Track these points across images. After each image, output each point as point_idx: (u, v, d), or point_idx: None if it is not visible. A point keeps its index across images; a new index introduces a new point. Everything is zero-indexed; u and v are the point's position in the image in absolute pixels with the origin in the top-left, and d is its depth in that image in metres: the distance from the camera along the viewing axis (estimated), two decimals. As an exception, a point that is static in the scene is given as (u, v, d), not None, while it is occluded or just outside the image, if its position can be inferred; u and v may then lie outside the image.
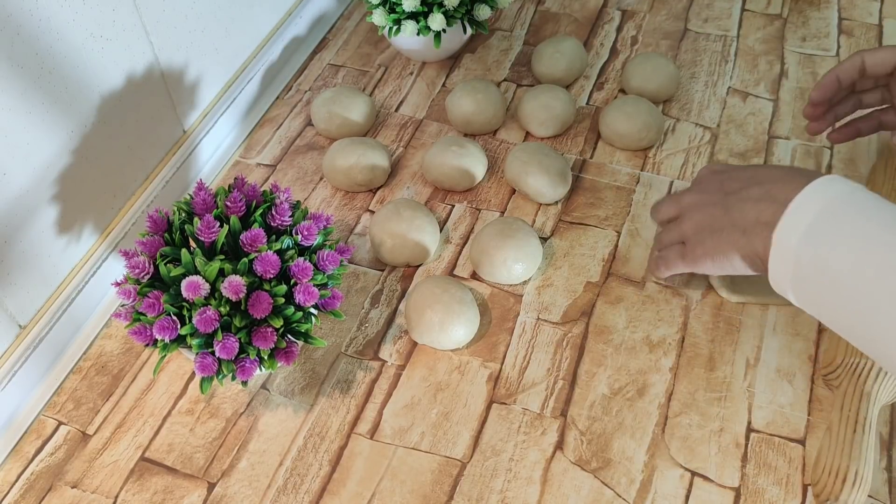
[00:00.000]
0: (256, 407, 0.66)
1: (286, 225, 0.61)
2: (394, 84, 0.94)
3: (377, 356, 0.69)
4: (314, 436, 0.64)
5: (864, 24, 0.99)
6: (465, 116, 0.85)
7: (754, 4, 1.03)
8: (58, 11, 0.61)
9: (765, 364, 0.66)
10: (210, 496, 0.61)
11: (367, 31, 1.02)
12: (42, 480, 0.62)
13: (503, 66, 0.96)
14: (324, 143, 0.87)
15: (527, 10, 1.03)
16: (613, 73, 0.94)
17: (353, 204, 0.81)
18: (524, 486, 0.60)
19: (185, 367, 0.68)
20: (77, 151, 0.67)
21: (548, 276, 0.73)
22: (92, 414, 0.66)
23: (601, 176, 0.82)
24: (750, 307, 0.70)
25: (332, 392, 0.66)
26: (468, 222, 0.79)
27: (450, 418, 0.64)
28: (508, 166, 0.80)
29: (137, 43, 0.71)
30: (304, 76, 0.96)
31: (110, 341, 0.71)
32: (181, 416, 0.65)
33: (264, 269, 0.57)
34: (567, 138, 0.86)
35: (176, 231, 0.60)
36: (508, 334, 0.70)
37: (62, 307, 0.69)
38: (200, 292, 0.56)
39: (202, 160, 0.84)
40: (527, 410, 0.65)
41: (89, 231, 0.71)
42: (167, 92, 0.76)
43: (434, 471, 0.61)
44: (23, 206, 0.63)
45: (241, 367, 0.57)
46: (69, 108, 0.65)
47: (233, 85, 0.87)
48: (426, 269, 0.75)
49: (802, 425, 0.63)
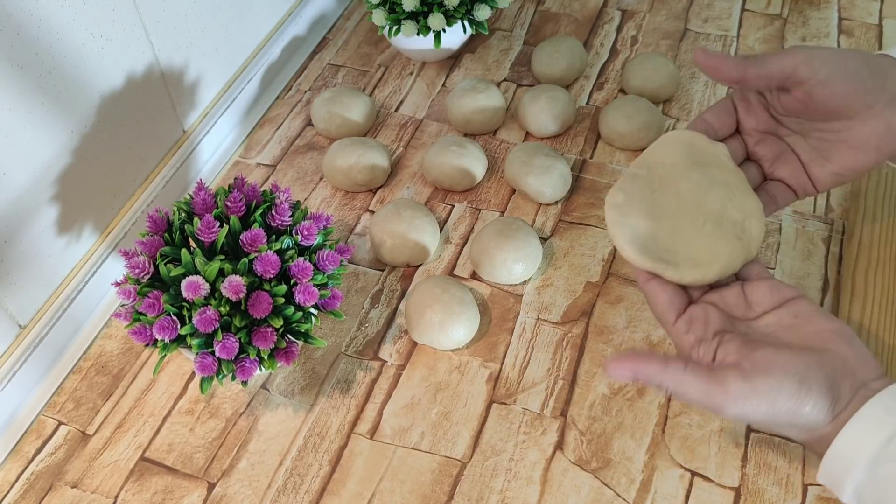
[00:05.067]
0: (256, 407, 0.66)
1: (286, 225, 0.61)
2: (394, 84, 0.94)
3: (377, 356, 0.69)
4: (314, 436, 0.64)
5: (864, 24, 0.99)
6: (465, 116, 0.85)
7: (754, 4, 1.03)
8: (58, 11, 0.61)
9: (765, 364, 0.66)
10: (210, 496, 0.61)
11: (367, 31, 1.02)
12: (42, 480, 0.62)
13: (503, 66, 0.96)
14: (324, 143, 0.87)
15: (527, 10, 1.03)
16: (613, 73, 0.94)
17: (353, 204, 0.81)
18: (524, 486, 0.60)
19: (185, 367, 0.68)
20: (77, 151, 0.67)
21: (548, 276, 0.73)
22: (92, 414, 0.66)
23: (601, 176, 0.82)
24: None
25: (332, 392, 0.66)
26: (468, 222, 0.79)
27: (450, 418, 0.64)
28: (508, 166, 0.80)
29: (137, 43, 0.71)
30: (304, 76, 0.96)
31: (110, 341, 0.71)
32: (181, 416, 0.65)
33: (264, 269, 0.57)
34: (567, 138, 0.86)
35: (176, 231, 0.60)
36: (508, 334, 0.70)
37: (62, 307, 0.69)
38: (200, 292, 0.56)
39: (202, 160, 0.84)
40: (527, 410, 0.65)
41: (89, 231, 0.71)
42: (167, 92, 0.76)
43: (434, 471, 0.61)
44: (23, 206, 0.63)
45: (241, 367, 0.57)
46: (69, 108, 0.65)
47: (233, 85, 0.87)
48: (426, 269, 0.75)
49: (802, 425, 0.63)
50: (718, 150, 0.53)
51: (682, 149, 0.53)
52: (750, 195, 0.52)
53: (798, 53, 0.50)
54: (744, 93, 0.55)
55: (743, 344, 0.46)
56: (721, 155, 0.53)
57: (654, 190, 0.51)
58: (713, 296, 0.50)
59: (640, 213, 0.50)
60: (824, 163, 0.54)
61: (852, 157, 0.52)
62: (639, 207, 0.50)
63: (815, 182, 0.54)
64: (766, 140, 0.56)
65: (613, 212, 0.51)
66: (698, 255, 0.50)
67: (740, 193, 0.52)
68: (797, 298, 0.48)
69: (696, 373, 0.45)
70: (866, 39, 0.97)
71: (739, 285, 0.51)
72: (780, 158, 0.55)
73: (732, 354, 0.46)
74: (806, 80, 0.50)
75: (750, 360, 0.45)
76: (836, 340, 0.45)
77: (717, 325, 0.48)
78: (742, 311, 0.49)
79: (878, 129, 0.51)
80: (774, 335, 0.47)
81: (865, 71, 0.50)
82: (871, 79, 0.50)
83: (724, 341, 0.47)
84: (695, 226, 0.51)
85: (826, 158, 0.54)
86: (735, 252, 0.50)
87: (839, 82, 0.50)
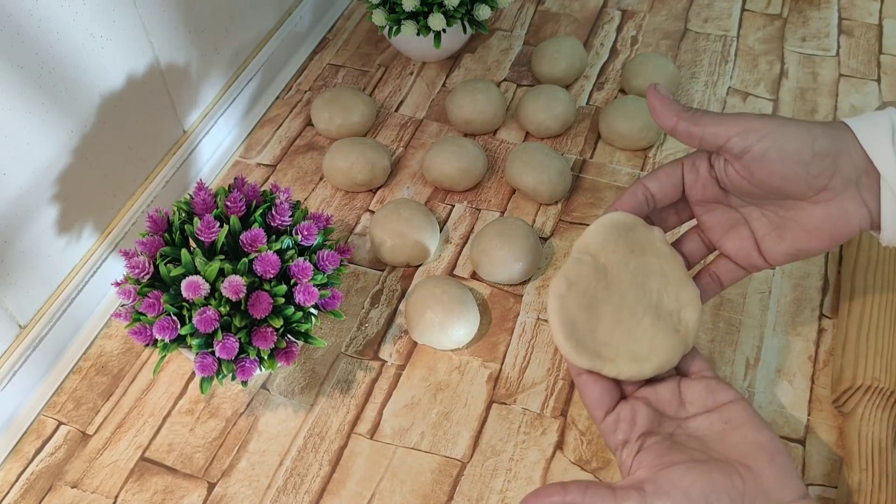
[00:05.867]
0: (256, 407, 0.66)
1: (286, 225, 0.61)
2: (394, 84, 0.94)
3: (377, 356, 0.69)
4: (314, 436, 0.64)
5: (864, 24, 0.99)
6: (465, 116, 0.85)
7: (754, 4, 1.03)
8: (58, 11, 0.61)
9: (765, 364, 0.66)
10: (210, 496, 0.61)
11: (367, 31, 1.02)
12: (42, 480, 0.62)
13: (503, 66, 0.96)
14: (324, 143, 0.87)
15: (527, 10, 1.03)
16: (613, 73, 0.94)
17: (353, 204, 0.81)
18: (524, 486, 0.60)
19: (185, 367, 0.68)
20: (77, 151, 0.67)
21: (548, 276, 0.73)
22: (92, 414, 0.66)
23: (601, 176, 0.82)
24: (750, 306, 0.70)
25: (332, 392, 0.66)
26: (468, 222, 0.79)
27: (450, 418, 0.64)
28: (508, 166, 0.80)
29: (137, 43, 0.71)
30: (304, 76, 0.96)
31: (110, 341, 0.71)
32: (181, 416, 0.65)
33: (264, 269, 0.57)
34: (567, 138, 0.86)
35: (176, 231, 0.60)
36: (508, 334, 0.70)
37: (62, 307, 0.69)
38: (200, 292, 0.56)
39: (202, 160, 0.84)
40: (527, 410, 0.65)
41: (89, 231, 0.71)
42: (167, 92, 0.76)
43: (434, 471, 0.61)
44: (23, 206, 0.63)
45: (241, 367, 0.57)
46: (69, 108, 0.65)
47: (233, 85, 0.87)
48: (426, 269, 0.75)
49: (802, 425, 0.63)
50: (654, 236, 0.52)
51: (622, 235, 0.52)
52: (686, 283, 0.52)
53: (736, 122, 0.46)
54: (694, 161, 0.51)
55: (659, 455, 0.45)
56: (657, 241, 0.52)
57: (598, 279, 0.51)
58: (647, 390, 0.49)
59: (580, 304, 0.50)
60: (779, 240, 0.50)
61: (805, 239, 0.48)
62: (580, 299, 0.50)
63: (768, 259, 0.51)
64: (716, 210, 0.52)
65: (555, 302, 0.50)
66: (637, 350, 0.49)
67: (676, 282, 0.52)
68: (732, 402, 0.47)
69: (597, 496, 0.44)
70: (866, 39, 0.97)
71: (676, 381, 0.49)
72: (732, 231, 0.52)
73: (644, 468, 0.45)
74: (740, 154, 0.46)
75: (654, 483, 0.43)
76: (757, 456, 0.44)
77: (643, 427, 0.47)
78: (674, 409, 0.48)
79: (830, 215, 0.46)
80: (701, 440, 0.46)
81: (809, 153, 0.45)
82: (816, 162, 0.45)
83: (644, 447, 0.46)
84: (634, 319, 0.50)
85: (780, 236, 0.49)
86: (673, 346, 0.50)
87: (776, 162, 0.45)
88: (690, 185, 0.52)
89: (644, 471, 0.45)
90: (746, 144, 0.45)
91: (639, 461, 0.46)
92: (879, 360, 0.60)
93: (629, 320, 0.50)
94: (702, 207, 0.53)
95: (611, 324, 0.50)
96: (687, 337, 0.51)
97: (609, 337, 0.50)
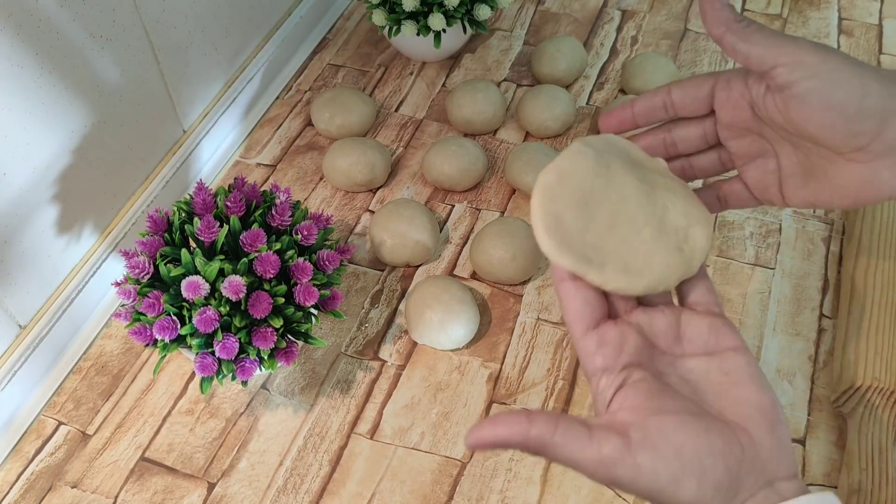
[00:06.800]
0: (256, 407, 0.66)
1: (286, 225, 0.61)
2: (394, 84, 0.94)
3: (377, 356, 0.69)
4: (314, 436, 0.64)
5: (864, 24, 0.99)
6: (465, 116, 0.85)
7: (754, 4, 1.03)
8: (58, 11, 0.61)
9: (765, 364, 0.66)
10: (210, 496, 0.61)
11: (367, 31, 1.02)
12: (42, 480, 0.62)
13: (503, 66, 0.96)
14: (324, 143, 0.87)
15: (527, 10, 1.03)
16: (613, 73, 0.94)
17: (353, 204, 0.81)
18: (524, 486, 0.60)
19: (185, 367, 0.68)
20: (77, 151, 0.67)
21: (548, 276, 0.73)
22: (92, 414, 0.66)
23: (601, 176, 0.82)
24: (750, 306, 0.70)
25: (332, 392, 0.66)
26: (468, 222, 0.79)
27: (450, 418, 0.64)
28: (508, 166, 0.80)
29: (137, 43, 0.70)
30: (304, 76, 0.96)
31: (110, 341, 0.71)
32: (181, 416, 0.65)
33: (264, 269, 0.57)
34: (567, 138, 0.86)
35: (176, 231, 0.60)
36: (508, 334, 0.70)
37: (62, 307, 0.69)
38: (200, 292, 0.56)
39: (202, 160, 0.84)
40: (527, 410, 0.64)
41: (89, 231, 0.71)
42: (167, 92, 0.76)
43: (434, 471, 0.61)
44: (23, 206, 0.63)
45: (241, 367, 0.57)
46: (69, 108, 0.65)
47: (233, 85, 0.87)
48: (426, 269, 0.75)
49: (802, 425, 0.63)
50: (658, 164, 0.47)
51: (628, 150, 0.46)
52: (696, 202, 0.45)
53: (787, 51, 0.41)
54: (729, 80, 0.46)
55: (648, 397, 0.39)
56: (661, 167, 0.47)
57: (596, 175, 0.43)
58: (640, 315, 0.42)
59: (571, 199, 0.42)
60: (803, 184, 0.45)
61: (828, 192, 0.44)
62: (572, 192, 0.42)
63: (786, 198, 0.46)
64: (746, 137, 0.47)
65: (541, 194, 0.42)
66: (630, 260, 0.42)
67: (686, 198, 0.45)
68: (736, 350, 0.41)
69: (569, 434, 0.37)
70: (866, 40, 0.97)
71: (676, 312, 0.43)
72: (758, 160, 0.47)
73: (628, 410, 0.38)
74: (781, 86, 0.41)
75: (641, 430, 0.37)
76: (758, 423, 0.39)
77: (630, 356, 0.40)
78: (669, 343, 0.42)
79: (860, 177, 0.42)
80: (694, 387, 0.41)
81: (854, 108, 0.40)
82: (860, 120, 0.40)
83: (629, 382, 0.39)
84: (632, 227, 0.43)
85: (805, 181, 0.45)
86: (672, 265, 0.43)
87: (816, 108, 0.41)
88: (721, 103, 0.46)
89: (628, 413, 0.38)
90: (791, 79, 0.40)
91: (622, 398, 0.39)
92: (879, 360, 0.60)
93: (626, 227, 0.43)
94: (730, 132, 0.47)
95: (604, 227, 0.42)
96: (692, 258, 0.43)
97: (599, 240, 0.42)
